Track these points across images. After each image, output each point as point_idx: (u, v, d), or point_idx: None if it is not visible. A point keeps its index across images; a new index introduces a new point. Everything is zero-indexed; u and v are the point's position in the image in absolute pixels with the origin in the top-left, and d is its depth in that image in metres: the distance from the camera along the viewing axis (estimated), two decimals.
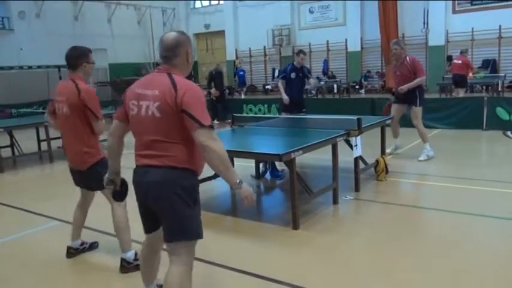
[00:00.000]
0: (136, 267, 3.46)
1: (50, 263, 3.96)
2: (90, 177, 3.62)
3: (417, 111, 7.15)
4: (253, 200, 2.48)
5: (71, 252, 4.02)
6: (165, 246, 2.65)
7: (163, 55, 2.51)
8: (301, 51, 7.88)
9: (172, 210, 2.44)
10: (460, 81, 12.76)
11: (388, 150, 7.19)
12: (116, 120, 2.69)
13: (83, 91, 3.54)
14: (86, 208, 3.98)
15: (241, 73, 21.51)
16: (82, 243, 4.08)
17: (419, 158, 7.08)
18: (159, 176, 2.42)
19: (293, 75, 7.70)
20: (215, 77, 13.36)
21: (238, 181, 2.41)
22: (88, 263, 3.91)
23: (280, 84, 7.88)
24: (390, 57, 7.27)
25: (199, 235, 2.52)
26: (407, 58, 7.14)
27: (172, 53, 2.48)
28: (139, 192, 2.56)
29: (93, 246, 4.16)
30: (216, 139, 2.35)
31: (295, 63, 7.76)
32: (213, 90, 13.07)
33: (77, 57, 3.63)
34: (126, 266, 3.66)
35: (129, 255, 3.67)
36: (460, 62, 12.69)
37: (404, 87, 6.99)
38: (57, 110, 3.74)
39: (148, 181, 2.45)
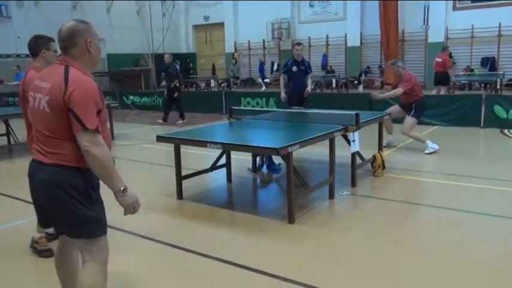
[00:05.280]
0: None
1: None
2: None
3: (409, 120, 7.37)
4: (135, 209, 2.38)
5: (47, 238, 4.04)
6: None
7: (60, 46, 2.38)
8: (296, 43, 8.00)
9: (62, 210, 2.33)
10: (442, 78, 12.76)
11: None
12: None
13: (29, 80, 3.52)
14: None
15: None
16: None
17: (426, 152, 7.26)
18: (48, 174, 2.30)
19: (294, 68, 7.79)
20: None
21: (121, 188, 2.31)
22: None
23: (281, 79, 8.01)
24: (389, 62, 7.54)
25: (94, 234, 2.39)
26: (402, 74, 7.37)
27: (68, 43, 2.34)
28: (31, 188, 2.45)
29: None
30: (100, 144, 2.24)
31: (294, 56, 7.84)
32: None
33: (38, 45, 3.64)
34: (33, 244, 3.83)
35: (37, 236, 3.81)
36: (440, 60, 12.64)
37: (377, 96, 7.52)
38: None
39: (40, 179, 2.34)
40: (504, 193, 5.22)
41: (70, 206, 2.31)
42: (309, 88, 7.88)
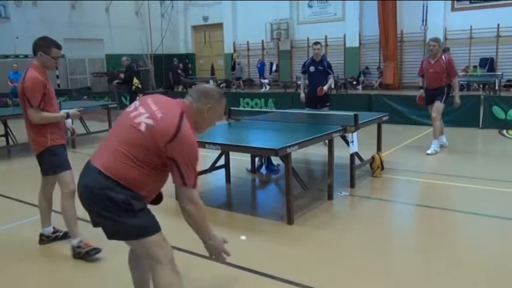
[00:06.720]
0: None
1: (38, 253, 3.94)
2: (41, 162, 3.83)
3: (440, 106, 7.26)
4: (223, 256, 2.62)
5: (43, 239, 4.05)
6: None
7: (190, 95, 2.51)
8: (314, 43, 7.97)
9: (101, 215, 2.39)
10: None
11: (434, 149, 7.28)
12: None
13: (26, 78, 3.57)
14: (47, 194, 4.03)
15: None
16: (55, 231, 4.10)
17: (427, 151, 7.24)
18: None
19: (312, 68, 7.76)
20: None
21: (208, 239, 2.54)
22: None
23: (302, 80, 8.09)
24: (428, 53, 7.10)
25: (138, 235, 2.48)
26: (443, 56, 7.23)
27: (196, 95, 2.48)
28: None
29: (67, 235, 4.03)
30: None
31: (313, 56, 7.83)
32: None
33: (38, 46, 3.65)
34: (76, 251, 3.72)
35: (75, 242, 3.73)
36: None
37: (457, 100, 7.25)
38: None
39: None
40: (503, 194, 5.22)
41: (106, 213, 2.41)
42: (324, 87, 7.63)
